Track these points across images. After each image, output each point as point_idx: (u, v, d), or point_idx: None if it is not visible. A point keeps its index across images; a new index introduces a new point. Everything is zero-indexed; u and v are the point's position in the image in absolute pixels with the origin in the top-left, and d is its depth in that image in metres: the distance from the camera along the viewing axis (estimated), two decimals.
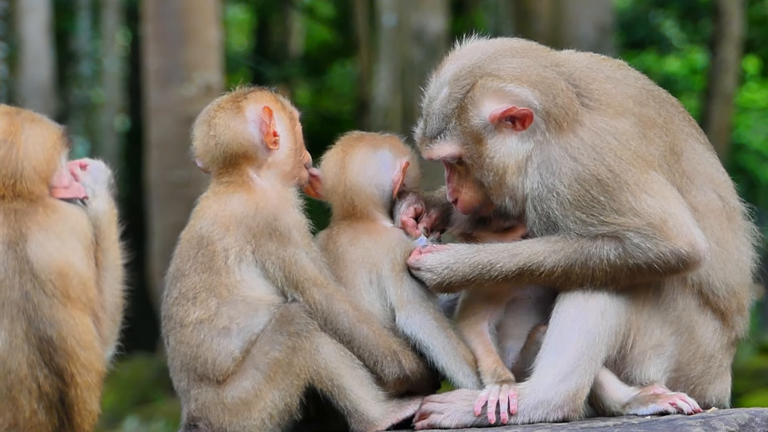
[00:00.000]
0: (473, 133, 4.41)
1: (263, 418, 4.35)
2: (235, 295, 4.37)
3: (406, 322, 4.46)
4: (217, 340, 4.35)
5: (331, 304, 4.38)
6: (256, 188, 4.49)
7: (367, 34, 20.74)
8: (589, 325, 4.35)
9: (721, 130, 19.15)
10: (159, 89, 14.95)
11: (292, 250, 4.39)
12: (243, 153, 4.52)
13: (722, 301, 4.52)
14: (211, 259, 4.39)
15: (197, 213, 4.50)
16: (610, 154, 4.32)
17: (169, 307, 4.45)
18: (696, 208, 4.45)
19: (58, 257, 4.22)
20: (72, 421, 4.21)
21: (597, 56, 4.63)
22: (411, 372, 4.44)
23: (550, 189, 4.34)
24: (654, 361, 4.47)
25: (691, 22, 24.50)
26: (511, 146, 4.41)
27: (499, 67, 4.41)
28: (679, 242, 4.30)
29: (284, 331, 4.34)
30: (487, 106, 4.39)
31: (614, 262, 4.32)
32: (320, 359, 4.35)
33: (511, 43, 4.54)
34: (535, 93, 4.36)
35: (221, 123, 4.54)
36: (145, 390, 15.83)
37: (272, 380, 4.34)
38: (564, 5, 16.86)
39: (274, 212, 4.42)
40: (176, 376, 4.44)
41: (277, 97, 4.65)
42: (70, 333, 4.18)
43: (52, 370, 4.17)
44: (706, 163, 4.56)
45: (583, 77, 4.45)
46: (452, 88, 4.43)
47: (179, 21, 14.77)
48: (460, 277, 4.43)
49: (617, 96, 4.43)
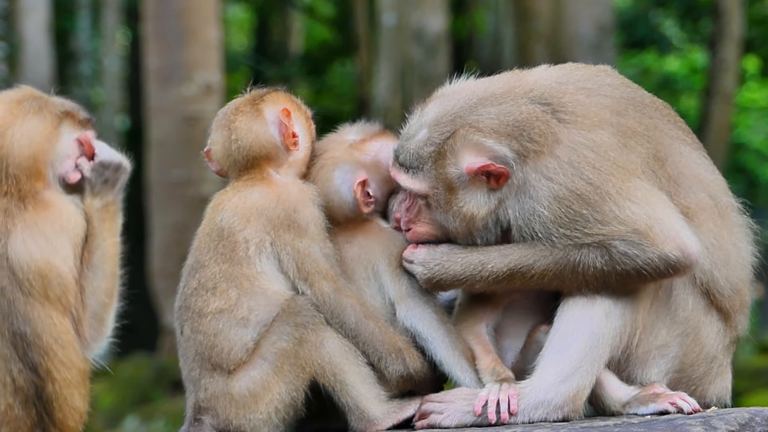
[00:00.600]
0: (446, 181, 4.42)
1: (269, 411, 4.37)
2: (256, 286, 4.41)
3: (406, 315, 4.48)
4: (234, 330, 4.38)
5: (339, 298, 4.40)
6: (277, 182, 4.54)
7: (367, 34, 20.74)
8: (593, 326, 4.35)
9: (721, 129, 19.13)
10: (159, 89, 14.95)
11: (307, 242, 4.43)
12: (265, 155, 4.57)
13: (727, 300, 4.52)
14: (233, 249, 4.42)
15: (215, 207, 4.53)
16: (587, 168, 4.32)
17: (187, 298, 4.46)
18: (687, 210, 4.44)
19: (39, 257, 4.21)
20: (52, 417, 4.19)
21: (572, 66, 4.63)
22: (415, 371, 4.44)
23: (531, 213, 4.35)
24: (657, 362, 4.47)
25: (691, 21, 24.49)
26: (482, 198, 4.42)
27: (479, 119, 4.41)
28: (667, 247, 4.29)
29: (291, 322, 4.37)
30: (465, 158, 4.40)
31: (601, 270, 4.32)
32: (324, 353, 4.37)
33: (493, 87, 4.51)
34: (512, 144, 4.36)
35: (242, 126, 4.58)
36: (145, 389, 15.83)
37: (279, 371, 4.36)
38: (564, 4, 16.86)
39: (294, 204, 4.47)
40: (188, 365, 4.44)
41: (292, 97, 4.71)
42: (46, 331, 4.17)
43: (26, 365, 4.15)
44: (694, 165, 4.55)
45: (553, 93, 4.44)
46: (431, 133, 4.44)
47: (179, 20, 14.78)
48: (451, 274, 4.43)
49: (591, 106, 4.42)
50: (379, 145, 4.67)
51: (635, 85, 4.64)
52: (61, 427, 4.19)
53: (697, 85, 23.60)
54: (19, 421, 4.14)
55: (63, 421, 4.19)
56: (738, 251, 4.55)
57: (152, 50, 15.02)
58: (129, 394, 15.56)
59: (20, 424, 4.15)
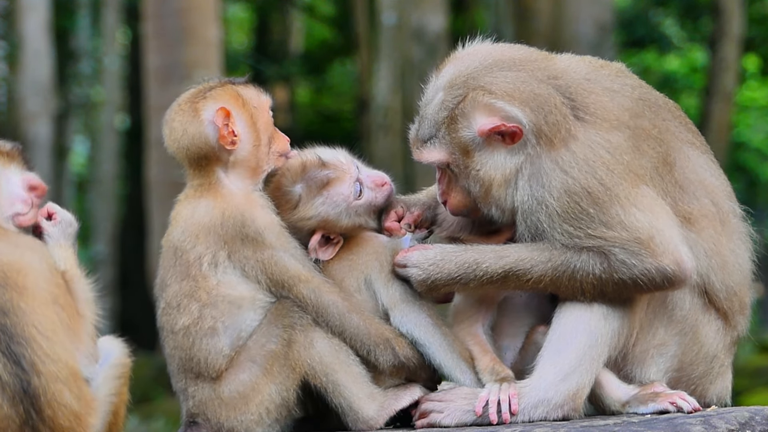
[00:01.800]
0: (461, 145, 4.41)
1: (260, 412, 4.37)
2: (215, 296, 4.39)
3: (401, 321, 4.46)
4: (205, 341, 4.38)
5: (319, 297, 4.39)
6: (223, 192, 4.47)
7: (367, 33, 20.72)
8: (592, 325, 4.35)
9: (721, 128, 19.15)
10: (159, 88, 14.94)
11: (269, 253, 4.40)
12: (204, 155, 4.50)
13: (724, 302, 4.52)
14: (187, 267, 4.41)
15: (173, 219, 4.52)
16: (602, 168, 4.32)
17: (160, 318, 4.48)
18: (690, 216, 4.45)
19: (12, 257, 4.18)
20: (41, 414, 4.12)
21: (596, 62, 4.61)
22: (406, 358, 4.43)
23: (540, 201, 4.34)
24: (656, 361, 4.47)
25: (691, 20, 24.49)
26: (499, 160, 4.40)
27: (492, 81, 4.39)
28: (665, 260, 4.30)
29: (279, 324, 4.37)
30: (476, 120, 4.38)
31: (600, 276, 4.31)
32: (314, 353, 4.36)
33: (511, 52, 4.51)
34: (525, 111, 4.35)
35: (178, 127, 4.52)
36: (145, 389, 15.83)
37: (269, 373, 4.36)
38: (564, 3, 16.86)
39: (242, 218, 4.41)
40: (175, 378, 4.47)
41: (238, 91, 4.56)
42: (27, 320, 4.11)
43: (9, 359, 4.09)
44: (700, 170, 4.55)
45: (580, 90, 4.43)
46: (446, 96, 4.43)
47: (179, 19, 14.77)
48: (445, 274, 4.42)
49: (613, 109, 4.42)
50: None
51: (648, 86, 4.64)
52: (51, 425, 4.11)
53: (697, 84, 23.60)
54: (8, 419, 4.08)
55: (53, 418, 4.11)
56: (735, 257, 4.55)
57: (152, 49, 15.02)
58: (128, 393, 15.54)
59: (9, 422, 4.08)
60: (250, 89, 4.61)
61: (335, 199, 4.52)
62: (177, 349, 4.41)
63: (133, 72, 22.72)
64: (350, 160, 4.59)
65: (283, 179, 4.55)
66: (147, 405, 15.70)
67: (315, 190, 4.52)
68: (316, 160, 4.55)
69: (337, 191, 4.53)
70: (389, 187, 4.60)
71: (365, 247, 4.56)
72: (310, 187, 4.53)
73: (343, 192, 4.53)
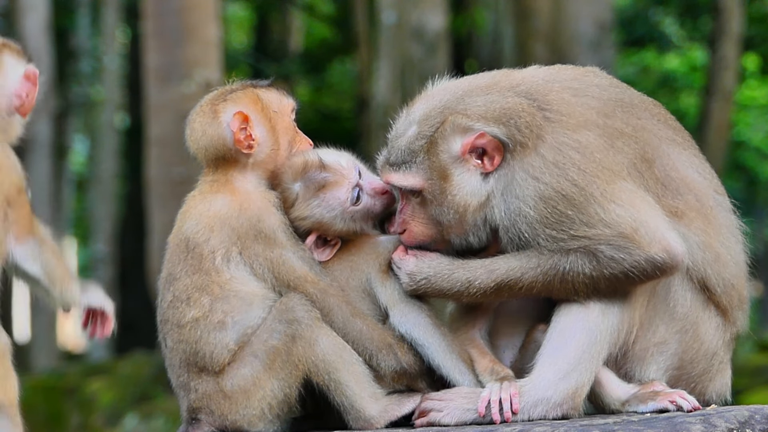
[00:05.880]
0: (440, 168, 4.43)
1: (262, 407, 4.38)
2: (227, 291, 4.41)
3: (400, 321, 4.47)
4: (213, 334, 4.39)
5: (324, 300, 4.41)
6: (240, 189, 4.52)
7: (366, 32, 20.72)
8: (591, 323, 4.35)
9: (721, 127, 19.12)
10: (158, 86, 14.94)
11: (279, 251, 4.43)
12: (222, 157, 4.55)
13: (723, 297, 4.52)
14: (200, 261, 4.43)
15: (184, 213, 4.53)
16: (573, 169, 4.33)
17: (164, 311, 4.48)
18: (675, 210, 4.45)
19: None
20: None
21: (560, 67, 4.65)
22: (408, 365, 4.44)
23: (517, 213, 4.35)
24: (656, 359, 4.48)
25: (691, 19, 24.48)
26: (475, 185, 4.42)
27: (466, 107, 4.44)
28: (653, 249, 4.30)
29: (284, 320, 4.37)
30: (457, 140, 4.41)
31: (591, 275, 4.32)
32: (318, 351, 4.36)
33: (477, 81, 4.56)
34: (500, 128, 4.38)
35: (198, 128, 4.57)
36: (145, 387, 15.83)
37: (271, 369, 4.37)
38: (563, 3, 16.85)
39: (258, 214, 4.45)
40: (175, 372, 4.47)
41: (258, 95, 4.61)
42: None
43: None
44: (682, 166, 4.55)
45: (539, 90, 4.46)
46: (421, 127, 4.46)
47: (179, 18, 14.77)
48: (437, 290, 4.45)
49: (577, 106, 4.43)
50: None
51: (624, 85, 4.64)
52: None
53: (697, 83, 23.57)
54: None
55: None
56: (727, 250, 4.55)
57: (152, 48, 15.01)
58: (129, 391, 15.56)
59: None
60: (272, 92, 4.65)
61: (330, 202, 4.54)
62: (182, 343, 4.42)
63: (133, 71, 22.72)
64: (352, 165, 4.61)
65: (285, 176, 4.57)
66: (147, 404, 15.69)
67: (312, 191, 4.54)
68: (317, 162, 4.56)
69: (333, 195, 4.54)
70: (390, 195, 4.61)
71: (365, 247, 4.57)
72: (308, 187, 4.54)
73: (339, 196, 4.54)
